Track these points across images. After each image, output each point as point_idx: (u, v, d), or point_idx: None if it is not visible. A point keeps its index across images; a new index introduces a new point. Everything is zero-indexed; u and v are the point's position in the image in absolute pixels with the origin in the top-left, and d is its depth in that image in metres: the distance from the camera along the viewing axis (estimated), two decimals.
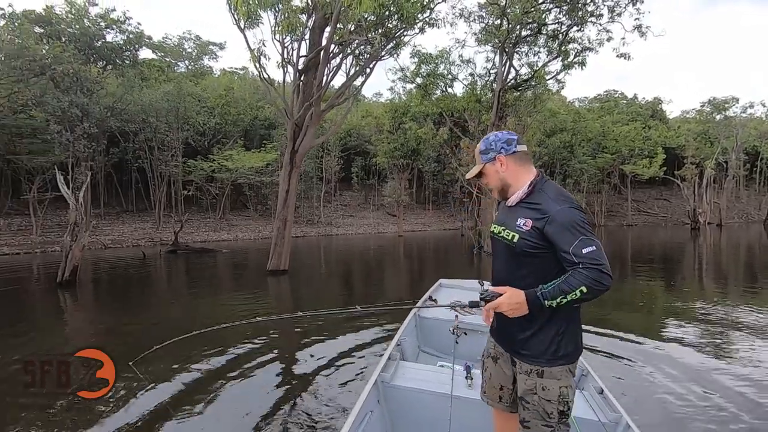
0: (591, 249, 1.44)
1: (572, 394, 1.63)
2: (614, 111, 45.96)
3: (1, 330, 6.54)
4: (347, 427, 1.77)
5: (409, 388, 2.23)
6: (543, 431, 1.63)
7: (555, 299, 1.47)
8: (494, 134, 1.76)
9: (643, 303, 8.20)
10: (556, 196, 1.59)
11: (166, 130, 26.40)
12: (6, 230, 23.14)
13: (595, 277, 1.41)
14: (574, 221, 1.51)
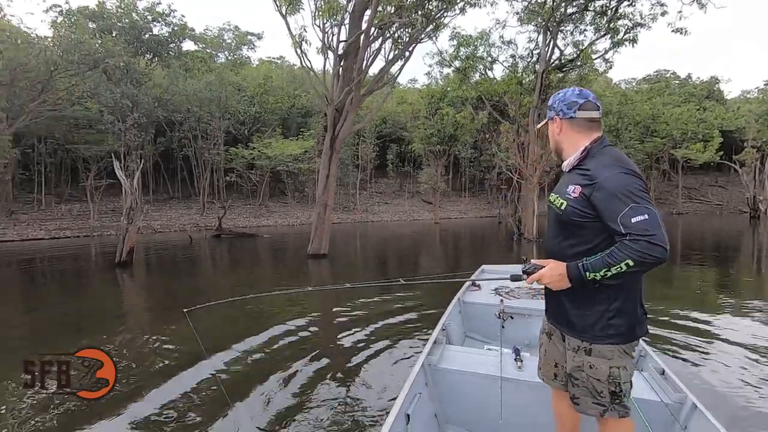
0: (641, 218, 1.31)
1: (626, 376, 1.54)
2: (665, 92, 43.23)
3: (78, 302, 7.09)
4: (396, 408, 1.78)
5: (456, 371, 2.24)
6: (594, 409, 1.57)
7: (597, 272, 1.38)
8: (564, 91, 1.66)
9: (699, 290, 7.76)
10: (609, 162, 1.47)
11: (208, 119, 27.31)
12: (67, 215, 24.87)
13: (644, 249, 1.28)
14: (625, 187, 1.38)
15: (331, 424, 2.81)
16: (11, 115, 18.87)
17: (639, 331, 1.56)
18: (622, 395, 1.54)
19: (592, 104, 1.60)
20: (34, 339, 5.06)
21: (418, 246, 16.93)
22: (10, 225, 21.64)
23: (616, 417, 1.55)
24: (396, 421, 1.72)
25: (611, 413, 1.55)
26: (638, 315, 1.55)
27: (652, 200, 1.39)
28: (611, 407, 1.54)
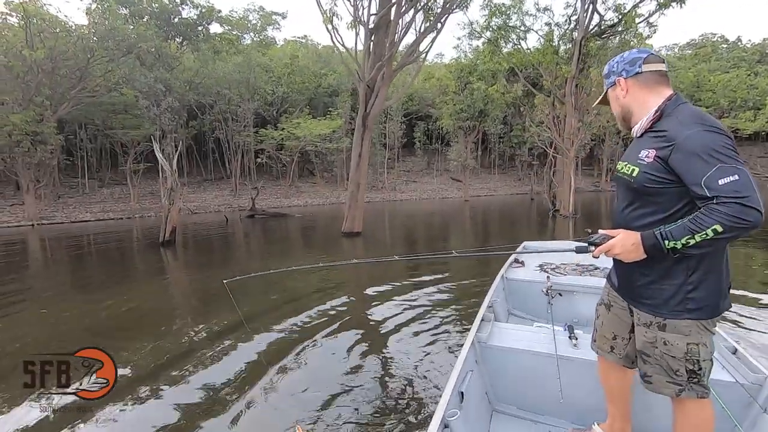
0: (731, 179, 1.16)
1: (706, 353, 1.41)
2: (711, 58, 40.46)
3: (131, 278, 7.46)
4: (450, 386, 1.77)
5: (508, 348, 2.19)
6: (669, 389, 1.45)
7: (679, 240, 1.24)
8: (620, 55, 1.54)
9: (756, 266, 7.37)
10: (688, 119, 1.31)
11: (238, 102, 27.60)
12: (109, 198, 26.03)
13: (735, 212, 1.14)
14: (709, 146, 1.22)
15: (378, 399, 2.82)
16: (54, 102, 19.64)
17: (723, 306, 1.41)
18: (702, 374, 1.41)
19: (656, 57, 1.48)
20: (97, 314, 5.35)
21: (450, 223, 16.79)
22: (59, 208, 22.87)
23: (694, 397, 1.43)
24: (451, 398, 1.71)
25: (689, 393, 1.43)
26: (722, 288, 1.41)
27: (742, 160, 1.23)
28: (688, 386, 1.42)
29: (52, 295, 6.42)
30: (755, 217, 1.14)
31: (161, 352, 3.85)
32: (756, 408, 1.77)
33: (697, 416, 1.46)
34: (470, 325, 2.43)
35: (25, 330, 4.67)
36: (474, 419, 1.95)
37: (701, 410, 1.46)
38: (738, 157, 1.22)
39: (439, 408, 1.63)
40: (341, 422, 2.56)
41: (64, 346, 4.03)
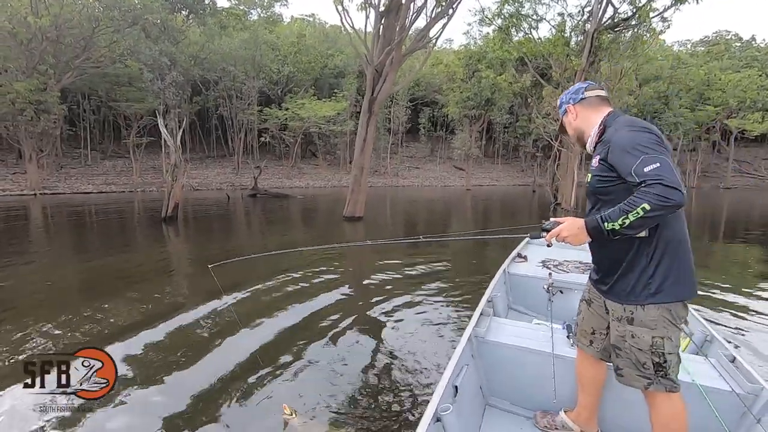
0: (654, 166, 1.33)
1: (671, 347, 1.51)
2: (724, 56, 39.81)
3: (132, 254, 7.54)
4: (444, 380, 1.77)
5: (505, 344, 2.19)
6: (639, 382, 1.56)
7: (615, 221, 1.38)
8: (567, 90, 1.81)
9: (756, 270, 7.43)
10: (620, 125, 1.53)
11: (243, 79, 27.32)
12: (111, 171, 26.02)
13: (659, 192, 1.29)
14: (635, 142, 1.42)
15: (373, 392, 2.80)
16: (58, 71, 19.46)
17: (685, 291, 1.51)
18: (667, 367, 1.51)
19: (595, 85, 1.75)
20: (98, 284, 5.43)
21: (452, 212, 16.84)
22: (61, 178, 22.89)
23: (663, 391, 1.52)
24: (445, 392, 1.72)
25: (657, 386, 1.52)
26: (684, 274, 1.51)
27: (666, 151, 1.40)
28: (656, 380, 1.52)
29: (55, 260, 6.51)
30: (677, 195, 1.29)
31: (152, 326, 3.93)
32: (750, 418, 1.78)
33: (667, 410, 1.54)
34: (469, 319, 2.43)
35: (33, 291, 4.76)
36: (467, 413, 1.96)
37: (671, 404, 1.54)
38: (661, 149, 1.39)
39: (432, 402, 1.64)
40: (333, 413, 2.53)
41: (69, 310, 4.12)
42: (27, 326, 3.86)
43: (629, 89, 21.12)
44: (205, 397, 2.74)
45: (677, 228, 1.52)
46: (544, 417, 2.03)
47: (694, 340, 2.45)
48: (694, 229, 12.72)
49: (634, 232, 1.40)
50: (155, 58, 21.57)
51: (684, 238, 1.53)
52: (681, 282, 1.50)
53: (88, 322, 4.01)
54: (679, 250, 1.51)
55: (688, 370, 1.88)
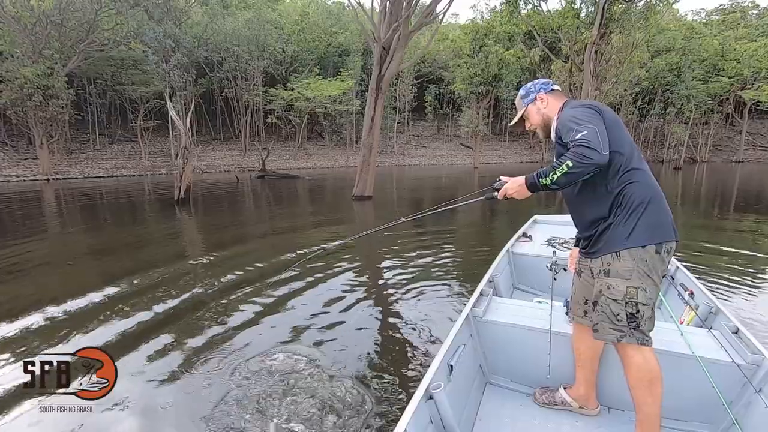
0: (583, 132, 1.49)
1: (645, 298, 1.57)
2: (740, 24, 38.53)
3: (153, 234, 7.74)
4: (438, 359, 1.77)
5: (502, 323, 2.20)
6: (612, 335, 1.61)
7: (547, 177, 1.54)
8: (531, 83, 1.95)
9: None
10: (568, 107, 1.72)
11: (247, 59, 27.07)
12: (120, 155, 26.21)
13: (580, 151, 1.46)
14: (572, 117, 1.59)
15: (371, 372, 2.81)
16: (63, 56, 19.44)
17: (656, 236, 1.58)
18: (640, 318, 1.57)
19: (554, 82, 1.97)
20: (125, 261, 5.62)
21: (460, 190, 16.86)
22: (72, 163, 23.14)
23: (635, 343, 1.58)
24: (438, 370, 1.71)
25: (629, 339, 1.58)
26: (656, 222, 1.59)
27: (600, 121, 1.56)
28: (629, 332, 1.57)
29: (84, 241, 6.71)
30: (594, 155, 1.45)
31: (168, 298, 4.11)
32: (750, 389, 1.78)
33: (640, 361, 1.60)
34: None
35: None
36: (464, 391, 1.99)
37: (642, 357, 1.59)
38: (594, 120, 1.55)
39: (424, 379, 1.64)
40: (326, 396, 2.50)
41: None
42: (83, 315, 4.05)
43: (641, 61, 20.65)
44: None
45: (644, 185, 1.61)
46: (543, 393, 2.07)
47: (699, 313, 2.46)
48: (704, 204, 12.67)
49: (562, 187, 1.58)
50: (159, 39, 21.41)
51: (653, 194, 1.61)
52: (652, 229, 1.59)
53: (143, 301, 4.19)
54: (649, 204, 1.60)
55: (689, 343, 1.88)
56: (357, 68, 31.41)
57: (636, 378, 1.61)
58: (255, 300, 4.13)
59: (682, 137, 34.15)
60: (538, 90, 1.89)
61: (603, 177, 1.62)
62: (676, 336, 1.98)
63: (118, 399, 2.54)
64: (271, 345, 3.18)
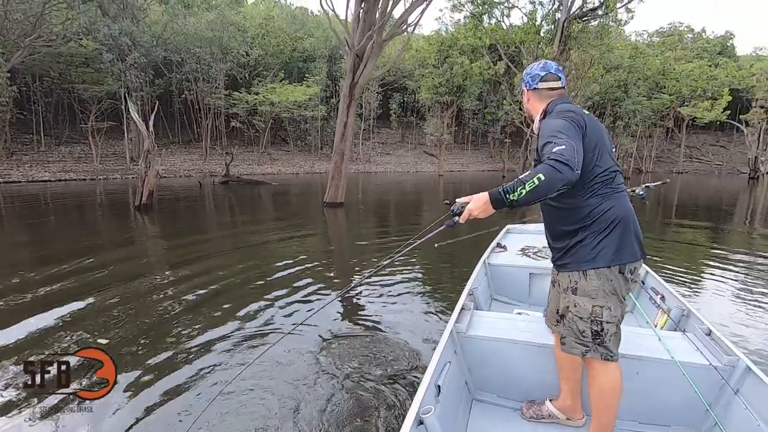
0: (558, 147, 1.41)
1: (610, 317, 1.59)
2: (677, 46, 41.95)
3: (111, 245, 7.27)
4: (426, 380, 1.71)
5: (486, 338, 2.15)
6: (577, 349, 1.65)
7: (514, 192, 1.42)
8: (531, 66, 1.83)
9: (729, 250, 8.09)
10: (552, 115, 1.65)
11: (209, 61, 26.28)
12: (68, 157, 24.53)
13: (553, 165, 1.37)
14: (550, 128, 1.52)
15: (353, 398, 2.65)
16: (6, 50, 18.03)
17: (622, 257, 1.59)
18: (604, 335, 1.59)
19: (554, 75, 1.76)
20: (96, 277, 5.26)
21: (428, 198, 17.12)
22: (13, 166, 21.38)
23: (599, 359, 1.61)
24: (427, 393, 1.67)
25: (593, 354, 1.61)
26: (623, 243, 1.59)
27: (576, 137, 1.49)
28: (594, 347, 1.60)
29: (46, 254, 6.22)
30: (566, 170, 1.36)
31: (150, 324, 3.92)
32: (728, 391, 1.79)
33: (603, 376, 1.63)
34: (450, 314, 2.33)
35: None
36: (452, 411, 1.92)
37: (606, 372, 1.62)
38: (572, 134, 1.49)
39: (414, 404, 1.58)
40: (309, 425, 2.37)
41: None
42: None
43: (595, 77, 21.97)
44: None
45: (617, 204, 1.61)
46: (530, 407, 2.03)
47: (671, 316, 2.51)
48: (663, 211, 13.59)
49: (530, 203, 1.43)
50: (114, 37, 20.36)
51: (624, 214, 1.61)
52: (619, 250, 1.59)
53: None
54: (619, 223, 1.59)
55: (666, 347, 1.90)
56: (322, 74, 31.28)
57: (598, 390, 1.65)
58: (221, 317, 3.98)
59: (630, 149, 36.56)
60: (525, 82, 1.81)
61: (579, 192, 1.59)
62: (653, 341, 2.00)
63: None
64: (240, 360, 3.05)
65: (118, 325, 3.63)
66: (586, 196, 1.60)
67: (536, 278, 3.35)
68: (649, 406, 1.91)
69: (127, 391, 2.62)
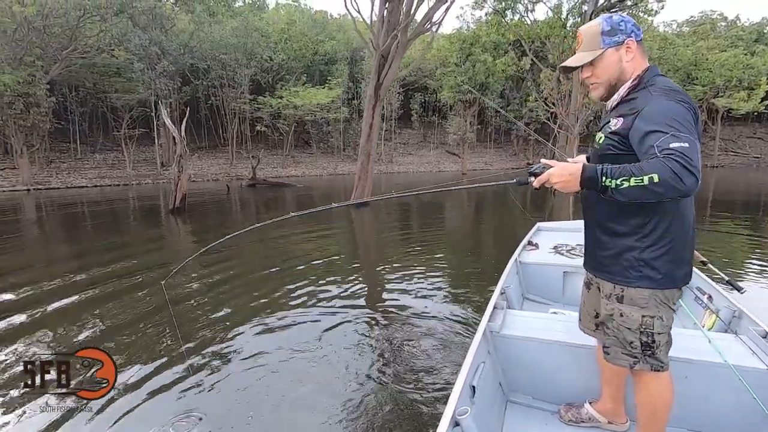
0: (681, 144, 1.14)
1: (662, 327, 1.44)
2: (710, 36, 40.22)
3: (154, 245, 7.53)
4: (461, 380, 1.67)
5: (521, 337, 2.09)
6: (624, 360, 1.50)
7: (615, 179, 1.19)
8: (618, 15, 1.47)
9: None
10: (659, 91, 1.31)
11: (235, 67, 26.84)
12: (103, 164, 25.50)
13: (676, 169, 1.11)
14: (669, 114, 1.22)
15: (385, 399, 2.63)
16: (45, 63, 18.90)
17: (677, 279, 1.42)
18: (655, 347, 1.45)
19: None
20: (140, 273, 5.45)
21: (452, 196, 16.98)
22: (52, 173, 22.37)
23: (649, 370, 1.47)
24: (462, 393, 1.63)
25: (643, 365, 1.47)
26: (679, 259, 1.41)
27: (695, 133, 1.22)
28: (643, 359, 1.46)
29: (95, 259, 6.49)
30: (691, 180, 1.12)
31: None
32: None
33: (654, 388, 1.50)
34: (482, 313, 2.30)
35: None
36: (487, 413, 1.86)
37: (658, 384, 1.49)
38: (692, 129, 1.22)
39: (449, 405, 1.54)
40: (341, 426, 2.36)
41: None
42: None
43: None
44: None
45: (683, 209, 1.39)
46: (569, 410, 1.93)
47: (720, 316, 2.38)
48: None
49: (625, 200, 1.23)
50: (145, 47, 21.05)
51: (688, 222, 1.41)
52: (675, 268, 1.41)
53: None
54: (680, 233, 1.39)
55: (718, 350, 1.80)
56: (344, 76, 31.49)
57: (646, 402, 1.53)
58: (251, 311, 4.07)
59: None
60: (629, 32, 1.41)
61: None
62: (702, 343, 1.89)
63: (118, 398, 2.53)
64: (260, 358, 3.08)
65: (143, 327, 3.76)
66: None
67: (571, 277, 3.25)
68: (699, 412, 1.79)
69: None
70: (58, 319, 3.91)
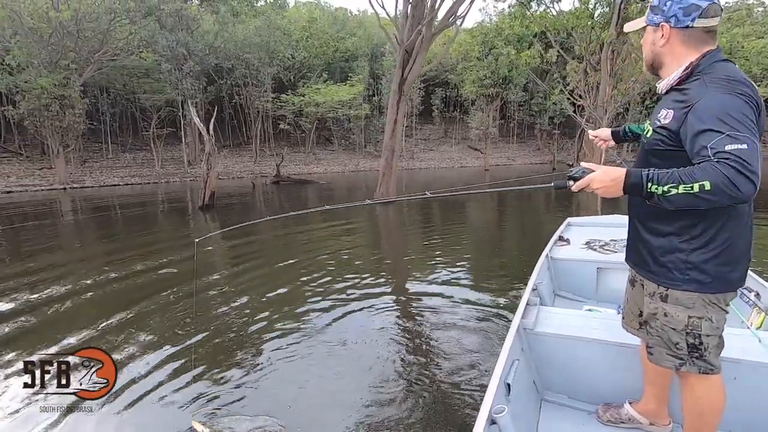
0: (739, 146, 1.04)
1: (710, 329, 1.34)
2: (746, 22, 38.45)
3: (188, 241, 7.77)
4: (496, 378, 1.64)
5: (555, 335, 2.04)
6: (669, 362, 1.42)
7: (662, 186, 1.11)
8: None
9: None
10: (715, 80, 1.18)
11: (258, 66, 27.22)
12: (133, 163, 26.33)
13: (731, 175, 1.01)
14: (726, 110, 1.10)
15: (417, 394, 2.62)
16: (79, 65, 19.60)
17: (731, 282, 1.32)
18: (703, 349, 1.35)
19: (716, 8, 1.25)
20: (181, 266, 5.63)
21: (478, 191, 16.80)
22: (86, 172, 23.23)
23: (696, 372, 1.37)
24: (497, 391, 1.60)
25: (689, 367, 1.37)
26: (731, 262, 1.30)
27: (755, 129, 1.11)
28: (689, 361, 1.37)
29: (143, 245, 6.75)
30: (748, 188, 1.02)
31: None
32: None
33: (702, 392, 1.41)
34: (514, 310, 2.27)
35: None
36: (523, 411, 1.83)
37: (706, 387, 1.40)
38: (753, 128, 1.10)
39: (485, 403, 1.51)
40: (376, 424, 2.34)
41: None
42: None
43: None
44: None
45: (739, 208, 1.27)
46: (608, 410, 1.86)
47: None
48: None
49: (672, 207, 1.14)
50: (172, 48, 21.58)
51: (745, 221, 1.29)
52: (729, 271, 1.30)
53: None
54: (735, 233, 1.28)
55: None
56: (365, 73, 31.53)
57: (693, 406, 1.44)
58: (279, 311, 4.10)
59: None
60: (669, 16, 1.28)
61: None
62: (752, 342, 1.79)
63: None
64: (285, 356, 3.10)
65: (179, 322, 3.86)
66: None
67: (605, 273, 3.15)
68: (750, 416, 1.70)
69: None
70: (91, 310, 4.07)
